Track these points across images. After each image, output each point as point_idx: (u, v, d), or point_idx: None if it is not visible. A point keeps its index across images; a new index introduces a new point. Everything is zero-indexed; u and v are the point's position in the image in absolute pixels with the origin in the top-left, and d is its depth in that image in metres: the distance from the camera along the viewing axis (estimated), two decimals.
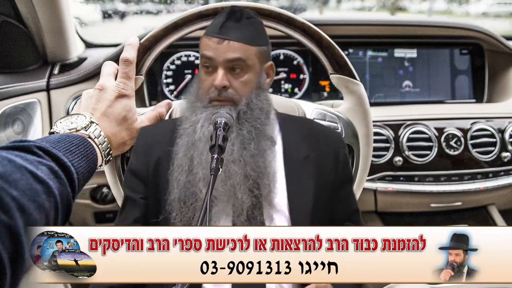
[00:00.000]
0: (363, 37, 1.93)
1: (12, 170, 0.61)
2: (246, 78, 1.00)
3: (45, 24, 1.59)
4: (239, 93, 1.00)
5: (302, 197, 1.00)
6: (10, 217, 0.57)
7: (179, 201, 0.97)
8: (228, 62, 0.99)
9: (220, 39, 0.99)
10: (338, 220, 1.07)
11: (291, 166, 1.03)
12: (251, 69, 1.01)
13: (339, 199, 1.07)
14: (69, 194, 0.71)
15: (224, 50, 0.99)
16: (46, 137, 0.80)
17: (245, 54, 0.99)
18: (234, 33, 1.00)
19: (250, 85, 1.01)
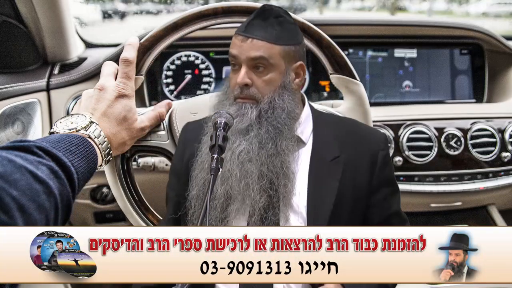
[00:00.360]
0: (363, 37, 1.93)
1: (12, 170, 0.61)
2: (269, 77, 1.01)
3: (45, 24, 1.59)
4: (261, 91, 1.00)
5: (322, 199, 1.00)
6: (10, 217, 0.57)
7: (197, 199, 0.98)
8: (250, 60, 0.99)
9: (245, 37, 1.00)
10: (373, 224, 1.05)
11: (316, 168, 1.02)
12: (274, 68, 1.01)
13: (375, 202, 1.05)
14: (69, 194, 0.71)
15: (248, 48, 0.99)
16: (46, 137, 0.80)
17: (268, 53, 0.99)
18: (258, 31, 1.00)
19: (274, 84, 1.01)
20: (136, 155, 1.27)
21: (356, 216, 1.03)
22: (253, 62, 0.99)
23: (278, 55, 1.01)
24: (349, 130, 1.10)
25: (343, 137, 1.07)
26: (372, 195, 1.05)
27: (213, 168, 0.85)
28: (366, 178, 1.04)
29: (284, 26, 1.02)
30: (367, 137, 1.09)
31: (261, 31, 1.00)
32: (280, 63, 1.01)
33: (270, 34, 1.00)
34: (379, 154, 1.06)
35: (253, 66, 1.00)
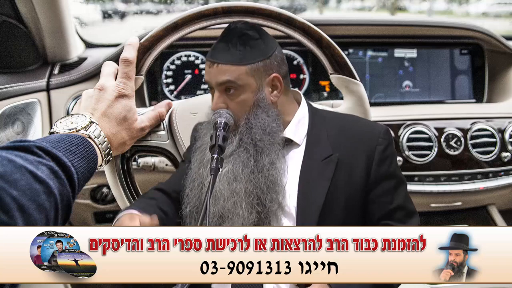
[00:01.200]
0: (363, 37, 1.93)
1: (12, 170, 0.61)
2: (241, 99, 1.01)
3: (45, 24, 1.59)
4: (236, 114, 1.01)
5: (311, 200, 1.00)
6: (10, 217, 0.57)
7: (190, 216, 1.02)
8: (219, 85, 1.01)
9: (211, 62, 1.02)
10: (374, 219, 1.04)
11: (307, 168, 1.02)
12: (245, 89, 1.01)
13: (374, 197, 1.04)
14: (69, 194, 0.71)
15: (215, 73, 1.01)
16: (46, 137, 0.80)
17: (235, 76, 0.99)
18: (222, 55, 1.01)
19: (247, 104, 1.02)
20: (136, 155, 1.27)
21: (352, 214, 1.03)
22: (222, 86, 1.01)
23: (246, 75, 1.00)
24: (346, 127, 1.09)
25: (338, 135, 1.07)
26: (371, 191, 1.04)
27: (213, 168, 0.85)
28: (362, 175, 1.03)
29: (248, 44, 1.02)
30: (364, 134, 1.07)
31: (224, 54, 1.01)
32: (250, 82, 1.01)
33: (233, 56, 1.00)
34: (376, 149, 1.05)
35: (224, 90, 1.01)
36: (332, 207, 1.00)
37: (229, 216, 0.97)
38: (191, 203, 1.02)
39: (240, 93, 1.01)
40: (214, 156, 0.87)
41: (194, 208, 1.01)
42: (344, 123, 1.11)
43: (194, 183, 1.02)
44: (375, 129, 1.09)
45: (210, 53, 1.03)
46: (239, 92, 1.01)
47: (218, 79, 1.00)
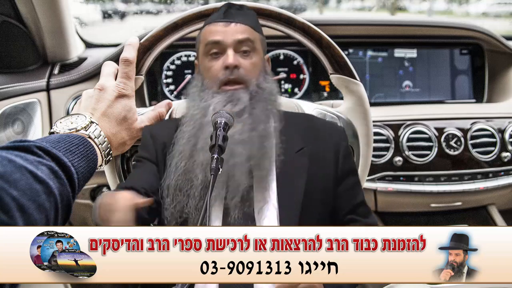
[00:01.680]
0: (363, 37, 1.93)
1: (12, 170, 0.61)
2: (254, 60, 1.02)
3: (45, 24, 1.59)
4: (249, 74, 1.00)
5: (293, 190, 1.00)
6: (10, 217, 0.57)
7: (174, 188, 0.96)
8: (237, 43, 0.99)
9: (227, 22, 1.00)
10: (341, 214, 1.06)
11: (284, 159, 1.02)
12: (258, 53, 1.03)
13: (341, 192, 1.06)
14: (69, 194, 0.71)
15: (233, 31, 1.00)
16: (46, 137, 0.80)
17: (253, 36, 1.01)
18: (240, 17, 1.02)
19: (258, 67, 1.02)
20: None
21: (326, 207, 1.04)
22: (240, 45, 1.00)
23: (259, 41, 1.03)
24: (310, 123, 1.12)
25: (305, 130, 1.08)
26: (338, 185, 1.06)
27: (213, 168, 0.85)
28: (332, 169, 1.05)
29: (255, 18, 1.06)
30: (327, 129, 1.11)
31: (242, 17, 1.02)
32: (260, 48, 1.04)
33: (250, 21, 1.02)
34: (341, 145, 1.08)
35: (239, 50, 1.00)
36: (311, 199, 1.01)
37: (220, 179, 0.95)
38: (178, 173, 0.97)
39: (254, 55, 1.01)
40: (214, 156, 0.87)
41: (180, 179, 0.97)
42: (307, 119, 1.14)
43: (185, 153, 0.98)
44: (337, 126, 1.15)
45: (222, 15, 1.02)
46: (253, 54, 1.01)
47: (238, 37, 0.99)
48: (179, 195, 0.96)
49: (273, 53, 1.90)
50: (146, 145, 1.07)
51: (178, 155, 0.99)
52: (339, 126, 1.16)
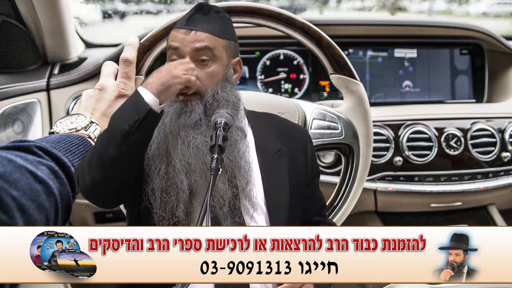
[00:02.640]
0: (363, 37, 1.93)
1: (12, 170, 0.61)
2: (212, 69, 0.99)
3: (45, 24, 1.59)
4: (205, 84, 0.98)
5: (278, 191, 1.00)
6: (10, 217, 0.57)
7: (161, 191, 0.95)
8: (195, 51, 0.98)
9: (187, 30, 0.98)
10: (309, 214, 1.07)
11: (265, 160, 1.02)
12: (218, 60, 1.00)
13: (310, 194, 1.07)
14: (69, 194, 0.71)
15: (191, 40, 0.98)
16: (46, 137, 0.81)
17: (213, 44, 0.98)
18: (201, 24, 0.99)
19: (217, 76, 1.00)
20: None
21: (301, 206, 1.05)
22: (197, 53, 0.98)
23: (222, 48, 1.00)
24: (280, 124, 1.11)
25: (278, 130, 1.08)
26: (307, 186, 1.07)
27: (213, 168, 0.85)
28: (303, 169, 1.06)
29: (224, 21, 1.02)
30: (295, 130, 1.12)
31: (204, 23, 0.99)
32: (223, 55, 1.01)
33: (213, 27, 0.99)
34: (308, 146, 1.09)
35: (197, 59, 0.98)
36: (294, 199, 1.02)
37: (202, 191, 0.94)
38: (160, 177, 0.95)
39: (213, 63, 0.99)
40: (214, 156, 0.87)
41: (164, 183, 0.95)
42: (275, 119, 1.13)
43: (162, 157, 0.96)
44: (302, 128, 1.16)
45: (185, 21, 1.00)
46: (212, 63, 0.99)
47: (195, 45, 0.97)
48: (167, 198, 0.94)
49: (273, 53, 1.90)
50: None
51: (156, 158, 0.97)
52: (302, 127, 1.18)
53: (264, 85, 1.91)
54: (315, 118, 1.25)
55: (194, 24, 0.99)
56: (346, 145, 1.24)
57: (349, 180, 1.25)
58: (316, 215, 1.09)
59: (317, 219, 1.08)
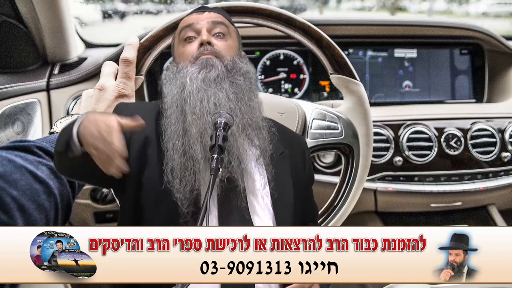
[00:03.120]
0: (363, 37, 1.93)
1: (12, 170, 0.61)
2: (229, 43, 1.00)
3: (45, 24, 1.59)
4: (224, 51, 0.99)
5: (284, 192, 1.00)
6: (10, 217, 0.57)
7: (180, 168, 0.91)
8: (211, 24, 1.00)
9: (202, 12, 1.02)
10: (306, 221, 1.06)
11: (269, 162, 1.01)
12: (232, 38, 1.02)
13: (308, 197, 1.08)
14: (69, 194, 0.71)
15: (208, 16, 1.01)
16: (46, 137, 0.80)
17: (227, 23, 1.02)
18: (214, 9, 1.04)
19: (233, 50, 1.01)
20: None
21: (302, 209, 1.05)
22: (214, 26, 0.99)
23: (233, 30, 1.03)
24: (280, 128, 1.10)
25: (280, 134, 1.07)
26: (306, 191, 1.07)
27: (213, 168, 0.85)
28: (302, 173, 1.06)
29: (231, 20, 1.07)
30: (295, 136, 1.13)
31: (216, 9, 1.04)
32: (235, 38, 1.03)
33: (224, 14, 1.04)
34: (306, 152, 1.10)
35: (213, 33, 1.00)
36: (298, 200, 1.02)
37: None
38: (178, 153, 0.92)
39: (228, 38, 1.01)
40: (214, 156, 0.87)
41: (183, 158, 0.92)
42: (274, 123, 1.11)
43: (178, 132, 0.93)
44: (299, 134, 1.17)
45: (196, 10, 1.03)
46: (227, 38, 1.01)
47: (212, 18, 1.00)
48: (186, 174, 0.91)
49: (273, 53, 1.90)
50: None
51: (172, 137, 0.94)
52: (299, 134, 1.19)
53: (264, 85, 1.91)
54: (315, 118, 1.25)
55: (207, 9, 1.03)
56: (346, 145, 1.24)
57: (349, 180, 1.25)
58: (312, 221, 1.09)
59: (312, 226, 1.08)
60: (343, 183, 1.25)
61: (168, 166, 0.93)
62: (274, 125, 1.11)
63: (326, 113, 1.25)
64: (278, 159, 1.03)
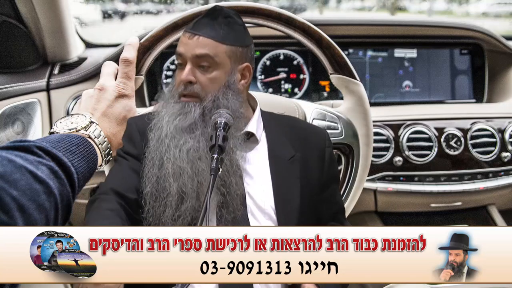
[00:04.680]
0: (363, 37, 1.93)
1: (12, 170, 0.61)
2: (213, 75, 0.99)
3: (45, 24, 1.59)
4: (205, 89, 0.99)
5: (289, 199, 1.00)
6: (10, 217, 0.57)
7: (151, 196, 0.95)
8: (195, 57, 0.98)
9: (191, 34, 1.00)
10: (323, 220, 1.06)
11: (277, 167, 1.02)
12: (219, 67, 1.00)
13: (325, 198, 1.07)
14: (69, 194, 0.71)
15: (193, 46, 0.99)
16: (46, 137, 0.80)
17: (214, 51, 0.99)
18: (205, 29, 1.00)
19: (218, 82, 1.00)
20: None
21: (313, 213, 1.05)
22: (198, 59, 0.99)
23: (224, 54, 1.00)
24: (297, 128, 1.11)
25: (294, 135, 1.08)
26: (322, 191, 1.06)
27: (213, 168, 0.85)
28: (317, 174, 1.06)
29: (232, 26, 1.02)
30: (313, 134, 1.11)
31: (208, 29, 1.00)
32: (226, 62, 1.00)
33: (217, 33, 0.99)
34: (325, 150, 1.09)
35: (198, 64, 0.99)
36: (305, 206, 1.02)
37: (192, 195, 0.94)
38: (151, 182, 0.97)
39: (214, 69, 0.99)
40: (214, 156, 0.87)
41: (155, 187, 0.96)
42: (292, 123, 1.13)
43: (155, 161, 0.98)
44: (321, 131, 1.14)
45: (191, 26, 1.02)
46: (213, 69, 0.99)
47: (196, 51, 0.98)
48: (156, 203, 0.95)
49: (273, 53, 1.91)
50: (133, 140, 1.02)
51: (149, 163, 0.98)
52: (322, 130, 1.15)
53: (264, 85, 1.91)
54: (315, 118, 1.25)
55: (198, 29, 1.00)
56: (346, 145, 1.24)
57: (349, 180, 1.25)
58: (332, 220, 1.08)
59: (332, 224, 1.07)
60: (343, 183, 1.25)
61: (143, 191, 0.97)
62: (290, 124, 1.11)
63: (326, 113, 1.25)
64: (286, 164, 1.03)
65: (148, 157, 0.98)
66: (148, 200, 0.96)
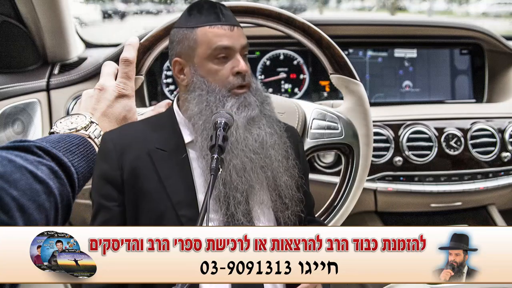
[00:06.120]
0: (363, 37, 1.93)
1: (12, 170, 0.61)
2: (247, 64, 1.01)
3: (45, 24, 1.59)
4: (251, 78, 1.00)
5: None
6: (10, 217, 0.57)
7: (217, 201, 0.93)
8: (243, 48, 0.99)
9: (230, 26, 0.98)
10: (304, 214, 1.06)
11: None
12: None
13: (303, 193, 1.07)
14: (69, 194, 0.71)
15: (237, 36, 0.98)
16: (46, 137, 0.81)
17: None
18: (231, 19, 1.00)
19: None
20: None
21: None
22: (243, 49, 0.99)
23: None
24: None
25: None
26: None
27: (213, 168, 0.85)
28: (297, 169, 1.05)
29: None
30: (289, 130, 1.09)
31: (231, 18, 1.00)
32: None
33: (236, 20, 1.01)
34: (299, 145, 1.09)
35: (243, 54, 0.99)
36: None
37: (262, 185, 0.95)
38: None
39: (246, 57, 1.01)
40: (214, 156, 0.87)
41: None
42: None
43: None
44: (292, 127, 1.13)
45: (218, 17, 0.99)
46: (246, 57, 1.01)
47: (242, 42, 0.98)
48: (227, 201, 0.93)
49: (273, 53, 1.91)
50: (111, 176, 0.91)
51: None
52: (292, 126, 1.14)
53: (264, 85, 1.91)
54: (315, 118, 1.25)
55: (228, 20, 0.99)
56: (346, 145, 1.24)
57: (349, 180, 1.25)
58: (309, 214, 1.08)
59: (310, 219, 1.08)
60: (343, 183, 1.25)
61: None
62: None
63: (326, 113, 1.25)
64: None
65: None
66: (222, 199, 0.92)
